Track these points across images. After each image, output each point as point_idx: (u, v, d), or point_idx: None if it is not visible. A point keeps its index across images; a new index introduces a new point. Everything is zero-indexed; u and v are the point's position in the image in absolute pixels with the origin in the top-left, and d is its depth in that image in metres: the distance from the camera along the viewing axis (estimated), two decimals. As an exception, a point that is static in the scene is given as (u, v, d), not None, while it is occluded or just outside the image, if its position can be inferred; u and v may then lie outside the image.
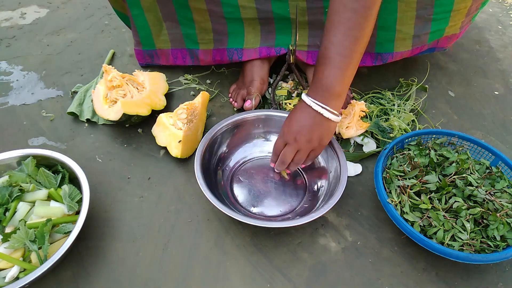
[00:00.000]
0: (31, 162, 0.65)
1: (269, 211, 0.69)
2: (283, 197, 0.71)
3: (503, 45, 1.17)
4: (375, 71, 1.00)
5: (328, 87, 0.61)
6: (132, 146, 0.81)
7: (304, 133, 0.63)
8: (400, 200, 0.63)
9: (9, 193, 0.62)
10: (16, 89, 0.95)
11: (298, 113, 0.64)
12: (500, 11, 1.34)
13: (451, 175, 0.65)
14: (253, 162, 0.78)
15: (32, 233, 0.57)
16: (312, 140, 0.64)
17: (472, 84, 1.01)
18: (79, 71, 1.00)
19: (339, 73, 0.60)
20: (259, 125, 0.79)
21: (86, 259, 0.63)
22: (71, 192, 0.63)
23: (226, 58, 0.89)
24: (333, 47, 0.60)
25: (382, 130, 0.80)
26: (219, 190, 0.69)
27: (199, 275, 0.61)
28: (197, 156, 0.68)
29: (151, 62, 0.97)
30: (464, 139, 0.73)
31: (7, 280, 0.55)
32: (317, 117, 0.63)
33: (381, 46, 0.84)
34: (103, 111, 0.79)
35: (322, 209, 0.60)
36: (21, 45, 1.10)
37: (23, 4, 1.28)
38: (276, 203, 0.71)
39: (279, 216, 0.68)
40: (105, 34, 1.14)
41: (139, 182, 0.74)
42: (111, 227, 0.67)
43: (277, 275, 0.62)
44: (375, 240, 0.66)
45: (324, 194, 0.69)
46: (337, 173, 0.68)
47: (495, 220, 0.59)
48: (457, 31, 0.86)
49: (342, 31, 0.59)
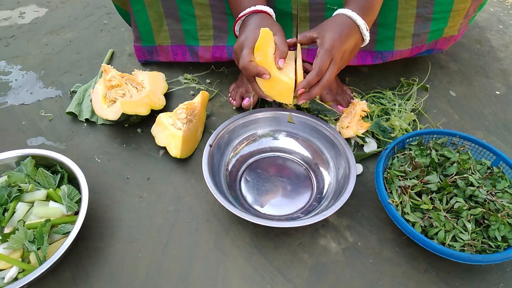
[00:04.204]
0: (30, 162, 0.65)
1: (278, 211, 0.69)
2: (292, 196, 0.71)
3: (504, 44, 1.16)
4: (376, 70, 1.00)
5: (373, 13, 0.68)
6: (131, 146, 0.81)
7: (348, 53, 0.65)
8: (401, 200, 0.63)
9: (8, 193, 0.62)
10: (15, 89, 0.94)
11: (346, 31, 0.64)
12: (501, 10, 1.34)
13: (452, 175, 0.64)
14: (261, 161, 0.77)
15: (31, 234, 0.56)
16: (347, 62, 0.66)
17: (473, 83, 1.01)
18: (78, 70, 0.99)
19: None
20: (267, 123, 0.79)
21: (85, 260, 0.62)
22: (70, 193, 0.63)
23: (226, 55, 0.89)
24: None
25: (383, 130, 0.80)
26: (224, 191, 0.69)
27: (198, 275, 0.61)
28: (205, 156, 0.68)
29: (151, 58, 0.97)
30: (465, 139, 0.73)
31: (6, 280, 0.54)
32: (359, 41, 0.66)
33: (381, 44, 0.84)
34: (102, 111, 0.79)
35: (325, 212, 0.60)
36: (20, 44, 1.09)
37: (22, 3, 1.28)
38: (285, 202, 0.70)
39: (289, 215, 0.68)
40: (104, 33, 1.14)
41: (138, 182, 0.74)
42: (110, 228, 0.67)
43: (277, 276, 0.61)
44: (375, 240, 0.66)
45: (333, 193, 0.69)
46: (345, 172, 0.68)
47: (496, 220, 0.59)
48: (455, 32, 0.86)
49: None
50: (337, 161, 0.73)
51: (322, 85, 0.63)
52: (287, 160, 0.78)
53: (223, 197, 0.62)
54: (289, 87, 0.64)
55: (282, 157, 0.78)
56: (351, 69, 0.98)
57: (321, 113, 0.82)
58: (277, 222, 0.60)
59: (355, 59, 0.87)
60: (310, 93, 0.64)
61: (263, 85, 0.65)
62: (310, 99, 0.66)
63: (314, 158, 0.77)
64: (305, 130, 0.78)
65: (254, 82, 0.65)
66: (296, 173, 0.75)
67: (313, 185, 0.73)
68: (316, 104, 0.83)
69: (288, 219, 0.67)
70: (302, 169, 0.76)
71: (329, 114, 0.82)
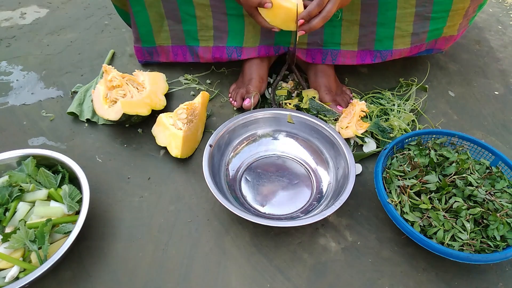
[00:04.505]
0: (31, 162, 0.65)
1: (278, 210, 0.69)
2: (291, 195, 0.72)
3: (503, 45, 1.17)
4: (375, 71, 1.00)
5: None
6: (132, 146, 0.81)
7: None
8: (400, 200, 0.63)
9: (9, 193, 0.62)
10: (16, 89, 0.95)
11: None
12: (500, 11, 1.34)
13: (451, 175, 0.65)
14: (261, 161, 0.78)
15: (32, 233, 0.57)
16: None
17: (472, 84, 1.01)
18: (79, 71, 1.00)
19: None
20: (266, 124, 0.79)
21: (86, 259, 0.63)
22: (71, 192, 0.63)
23: (225, 56, 0.89)
24: None
25: (382, 130, 0.80)
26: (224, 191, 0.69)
27: (199, 274, 0.61)
28: (205, 156, 0.68)
29: (151, 59, 0.97)
30: (464, 139, 0.73)
31: (7, 280, 0.55)
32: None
33: (380, 43, 0.84)
34: (103, 111, 0.79)
35: (325, 212, 0.61)
36: (21, 45, 1.10)
37: (23, 4, 1.28)
38: (285, 201, 0.71)
39: (288, 215, 0.69)
40: (105, 34, 1.14)
41: (139, 182, 0.74)
42: (111, 227, 0.67)
43: (277, 275, 0.62)
44: (375, 240, 0.66)
45: (332, 192, 0.69)
46: (345, 172, 0.68)
47: (495, 220, 0.59)
48: (454, 32, 0.86)
49: None
50: (336, 161, 0.73)
51: (323, 17, 0.62)
52: (287, 160, 0.78)
53: (223, 197, 0.62)
54: (292, 12, 0.63)
55: (282, 157, 0.78)
56: (351, 70, 0.99)
57: (320, 113, 0.83)
58: (277, 222, 0.60)
59: (354, 59, 0.88)
60: (310, 24, 0.63)
61: (267, 16, 0.65)
62: (311, 31, 0.65)
63: (313, 158, 0.77)
64: (304, 130, 0.79)
65: (258, 15, 0.64)
66: (296, 173, 0.75)
67: (312, 184, 0.74)
68: (315, 104, 0.83)
69: (288, 218, 0.67)
70: (301, 169, 0.76)
71: (329, 115, 0.82)
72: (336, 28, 0.83)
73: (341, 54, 0.87)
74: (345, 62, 0.88)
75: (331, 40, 0.85)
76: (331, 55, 0.87)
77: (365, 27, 0.82)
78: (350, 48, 0.86)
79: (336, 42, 0.85)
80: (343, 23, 0.82)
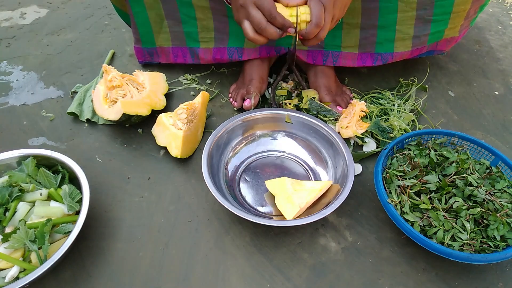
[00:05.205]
0: (31, 162, 0.65)
1: (277, 210, 0.69)
2: None
3: (503, 45, 1.17)
4: (375, 71, 1.00)
5: None
6: (132, 146, 0.81)
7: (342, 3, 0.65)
8: (400, 200, 0.63)
9: (9, 193, 0.62)
10: (16, 89, 0.95)
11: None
12: (500, 11, 1.34)
13: (451, 175, 0.65)
14: (259, 161, 0.78)
15: (32, 233, 0.57)
16: (342, 10, 0.66)
17: (472, 84, 1.01)
18: (79, 71, 1.00)
19: None
20: (265, 123, 0.79)
21: (86, 259, 0.63)
22: (71, 192, 0.63)
23: (226, 57, 0.89)
24: None
25: (382, 130, 0.80)
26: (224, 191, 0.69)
27: (199, 275, 0.61)
28: (204, 156, 0.68)
29: (151, 60, 0.97)
30: (464, 139, 0.73)
31: (7, 280, 0.55)
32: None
33: (381, 46, 0.84)
34: (103, 111, 0.79)
35: (324, 211, 0.61)
36: (21, 45, 1.10)
37: (23, 4, 1.28)
38: None
39: None
40: (105, 34, 1.14)
41: (139, 182, 0.74)
42: (111, 227, 0.67)
43: (277, 275, 0.62)
44: (375, 240, 0.66)
45: None
46: (344, 171, 0.68)
47: (495, 220, 0.59)
48: (456, 34, 0.86)
49: None
50: (335, 160, 0.73)
51: (318, 38, 0.66)
52: (286, 160, 0.78)
53: (223, 197, 0.62)
54: (292, 21, 0.65)
55: (281, 156, 0.78)
56: (351, 70, 0.99)
57: (320, 113, 0.83)
58: (277, 221, 0.60)
59: (355, 61, 0.88)
60: (308, 43, 0.67)
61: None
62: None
63: (312, 157, 0.77)
64: (303, 130, 0.79)
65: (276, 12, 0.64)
66: (295, 173, 0.75)
67: None
68: (315, 105, 0.83)
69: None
70: (300, 168, 0.76)
71: (329, 115, 0.82)
72: (337, 30, 0.83)
73: (342, 56, 0.87)
74: (346, 64, 0.88)
75: (332, 42, 0.85)
76: (332, 56, 0.87)
77: (366, 30, 0.82)
78: (351, 51, 0.86)
79: (337, 44, 0.86)
80: (344, 26, 0.83)
